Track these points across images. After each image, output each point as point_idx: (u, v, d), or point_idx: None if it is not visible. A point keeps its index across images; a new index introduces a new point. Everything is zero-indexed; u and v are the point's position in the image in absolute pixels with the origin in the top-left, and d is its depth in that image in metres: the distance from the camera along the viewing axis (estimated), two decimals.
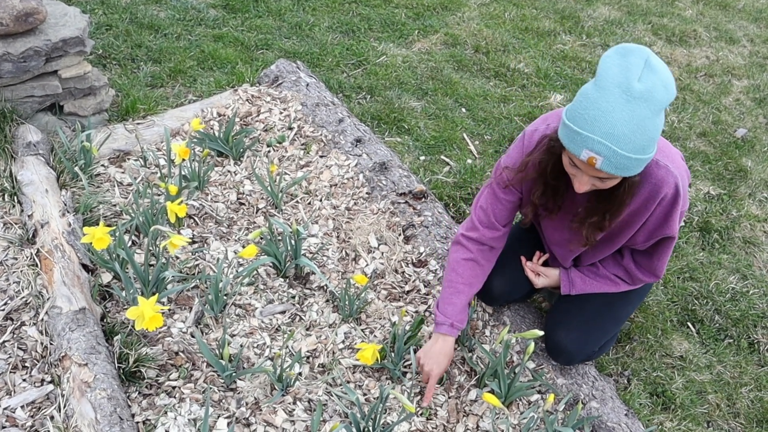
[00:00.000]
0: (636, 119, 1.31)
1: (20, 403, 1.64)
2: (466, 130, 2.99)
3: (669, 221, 1.60)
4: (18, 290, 1.89)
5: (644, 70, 1.31)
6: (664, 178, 1.52)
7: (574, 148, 1.37)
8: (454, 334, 1.80)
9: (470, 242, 1.83)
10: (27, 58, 2.31)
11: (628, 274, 1.81)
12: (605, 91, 1.32)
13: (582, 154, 1.36)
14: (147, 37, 3.22)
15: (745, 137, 3.19)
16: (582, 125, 1.34)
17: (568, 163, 1.48)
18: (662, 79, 1.32)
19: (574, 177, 1.48)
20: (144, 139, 2.54)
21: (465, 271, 1.82)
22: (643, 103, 1.30)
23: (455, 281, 1.82)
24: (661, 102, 1.32)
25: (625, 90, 1.30)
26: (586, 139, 1.34)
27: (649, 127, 1.32)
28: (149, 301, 1.52)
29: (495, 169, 1.77)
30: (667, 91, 1.32)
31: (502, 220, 1.80)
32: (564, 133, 1.40)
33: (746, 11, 4.42)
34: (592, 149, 1.34)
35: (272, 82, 2.91)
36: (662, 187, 1.53)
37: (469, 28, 3.75)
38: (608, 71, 1.33)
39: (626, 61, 1.32)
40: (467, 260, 1.83)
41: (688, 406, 1.97)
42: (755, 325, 2.26)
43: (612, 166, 1.35)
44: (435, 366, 1.78)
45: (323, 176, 2.48)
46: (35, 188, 2.15)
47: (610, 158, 1.34)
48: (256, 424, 1.69)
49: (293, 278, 2.12)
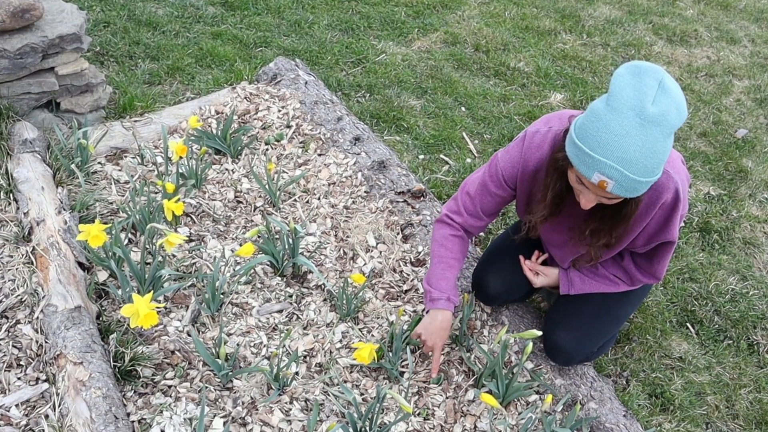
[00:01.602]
0: (649, 144, 1.29)
1: (15, 402, 1.63)
2: (465, 129, 2.98)
3: (669, 226, 1.59)
4: (13, 288, 1.88)
5: (658, 93, 1.29)
6: (665, 183, 1.52)
7: (585, 170, 1.35)
8: (451, 308, 1.81)
9: (455, 222, 1.84)
10: (23, 55, 2.29)
11: (627, 275, 1.80)
12: (619, 114, 1.29)
13: (593, 177, 1.34)
14: (145, 35, 3.21)
15: (746, 138, 3.18)
16: (594, 148, 1.32)
17: (575, 180, 1.46)
18: (675, 101, 1.30)
19: (580, 193, 1.47)
20: (141, 136, 2.53)
21: (454, 246, 1.83)
22: (657, 128, 1.28)
23: (445, 256, 1.83)
24: (673, 125, 1.30)
25: (639, 113, 1.28)
26: (599, 162, 1.32)
27: (660, 150, 1.31)
28: (144, 299, 1.51)
29: (490, 161, 1.75)
30: (679, 113, 1.31)
31: (487, 211, 1.80)
32: (574, 152, 1.38)
33: (747, 11, 4.40)
34: (604, 173, 1.32)
35: (271, 79, 2.90)
36: (663, 192, 1.52)
37: (469, 27, 3.73)
38: (621, 92, 1.30)
39: (640, 82, 1.30)
40: (454, 236, 1.83)
41: (687, 407, 1.96)
42: (755, 326, 2.25)
43: (622, 189, 1.34)
44: (438, 339, 1.80)
45: (321, 174, 2.47)
46: (31, 186, 2.14)
47: (621, 182, 1.32)
48: (253, 424, 1.68)
49: (291, 277, 2.11)
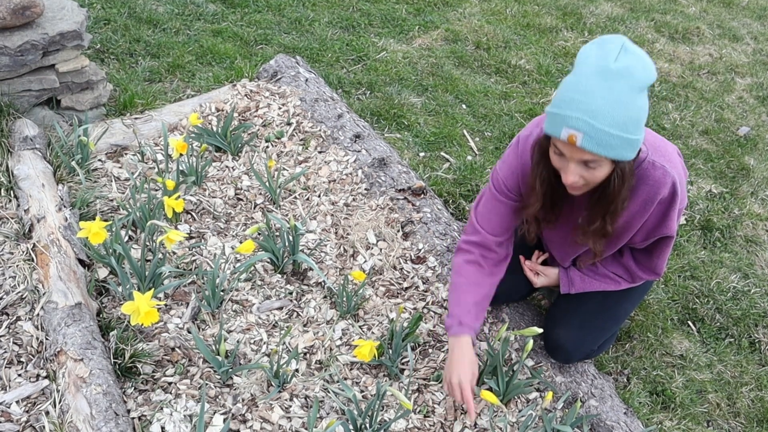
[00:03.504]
0: (614, 94, 1.30)
1: (15, 399, 1.63)
2: (466, 127, 2.97)
3: (667, 220, 1.59)
4: (14, 285, 1.88)
5: (621, 53, 1.32)
6: (661, 179, 1.51)
7: (554, 129, 1.36)
8: (466, 332, 1.67)
9: (472, 246, 1.76)
10: (24, 52, 2.29)
11: (628, 272, 1.79)
12: (583, 76, 1.33)
13: (562, 133, 1.34)
14: (145, 32, 3.21)
15: (748, 135, 3.17)
16: (561, 106, 1.35)
17: (554, 156, 1.45)
18: (640, 59, 1.32)
19: (562, 170, 1.45)
20: (141, 134, 2.53)
21: (468, 272, 1.74)
22: (621, 79, 1.30)
23: (458, 282, 1.74)
24: (639, 80, 1.31)
25: (603, 70, 1.31)
26: (565, 118, 1.33)
27: (629, 104, 1.31)
28: (145, 296, 1.50)
29: (491, 176, 1.74)
30: (645, 70, 1.32)
31: (504, 224, 1.74)
32: (546, 121, 1.40)
33: (750, 9, 4.39)
34: (571, 126, 1.33)
35: (271, 77, 2.89)
36: (660, 188, 1.52)
37: (470, 24, 3.73)
38: (586, 59, 1.34)
39: (602, 48, 1.34)
40: (469, 262, 1.75)
41: (688, 405, 1.96)
42: (756, 324, 2.24)
43: (593, 142, 1.32)
44: (460, 375, 1.64)
45: (322, 172, 2.47)
46: (32, 183, 2.14)
47: (589, 134, 1.32)
48: (252, 421, 1.68)
49: (291, 274, 2.11)
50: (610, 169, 1.42)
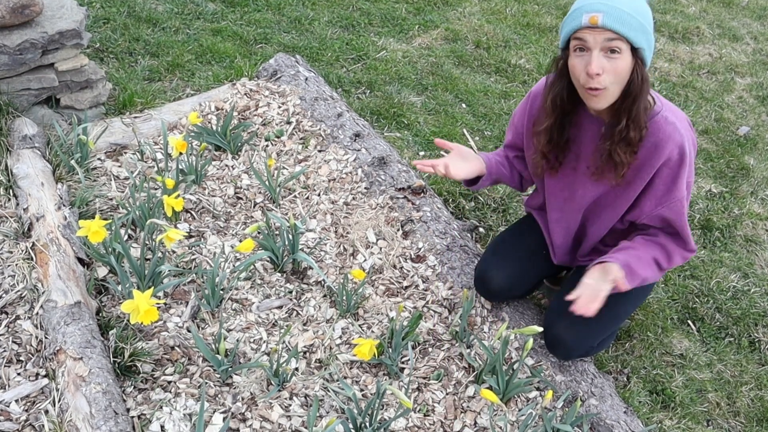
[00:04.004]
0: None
1: (14, 397, 1.62)
2: (466, 126, 2.97)
3: (675, 185, 1.62)
4: (13, 284, 1.88)
5: None
6: (672, 134, 1.56)
7: (575, 22, 1.46)
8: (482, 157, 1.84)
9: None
10: (23, 51, 2.29)
11: (664, 250, 1.72)
12: None
13: (583, 18, 1.44)
14: (145, 31, 3.20)
15: (748, 135, 3.17)
16: (580, 2, 1.48)
17: (575, 60, 1.50)
18: None
19: (586, 66, 1.48)
20: (141, 132, 2.52)
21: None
22: None
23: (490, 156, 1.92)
24: None
25: None
26: (585, 5, 1.45)
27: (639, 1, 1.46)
28: (144, 295, 1.50)
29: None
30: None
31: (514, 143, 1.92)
32: (564, 24, 1.51)
33: (750, 9, 4.39)
34: (592, 9, 1.44)
35: (271, 76, 2.89)
36: (668, 142, 1.56)
37: (470, 24, 3.72)
38: None
39: None
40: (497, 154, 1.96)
41: (688, 404, 1.96)
42: (756, 323, 2.24)
43: (613, 18, 1.42)
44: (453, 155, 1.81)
45: (321, 171, 2.46)
46: (31, 182, 2.14)
47: (609, 12, 1.42)
48: (252, 420, 1.68)
49: (290, 273, 2.11)
50: (631, 63, 1.48)
